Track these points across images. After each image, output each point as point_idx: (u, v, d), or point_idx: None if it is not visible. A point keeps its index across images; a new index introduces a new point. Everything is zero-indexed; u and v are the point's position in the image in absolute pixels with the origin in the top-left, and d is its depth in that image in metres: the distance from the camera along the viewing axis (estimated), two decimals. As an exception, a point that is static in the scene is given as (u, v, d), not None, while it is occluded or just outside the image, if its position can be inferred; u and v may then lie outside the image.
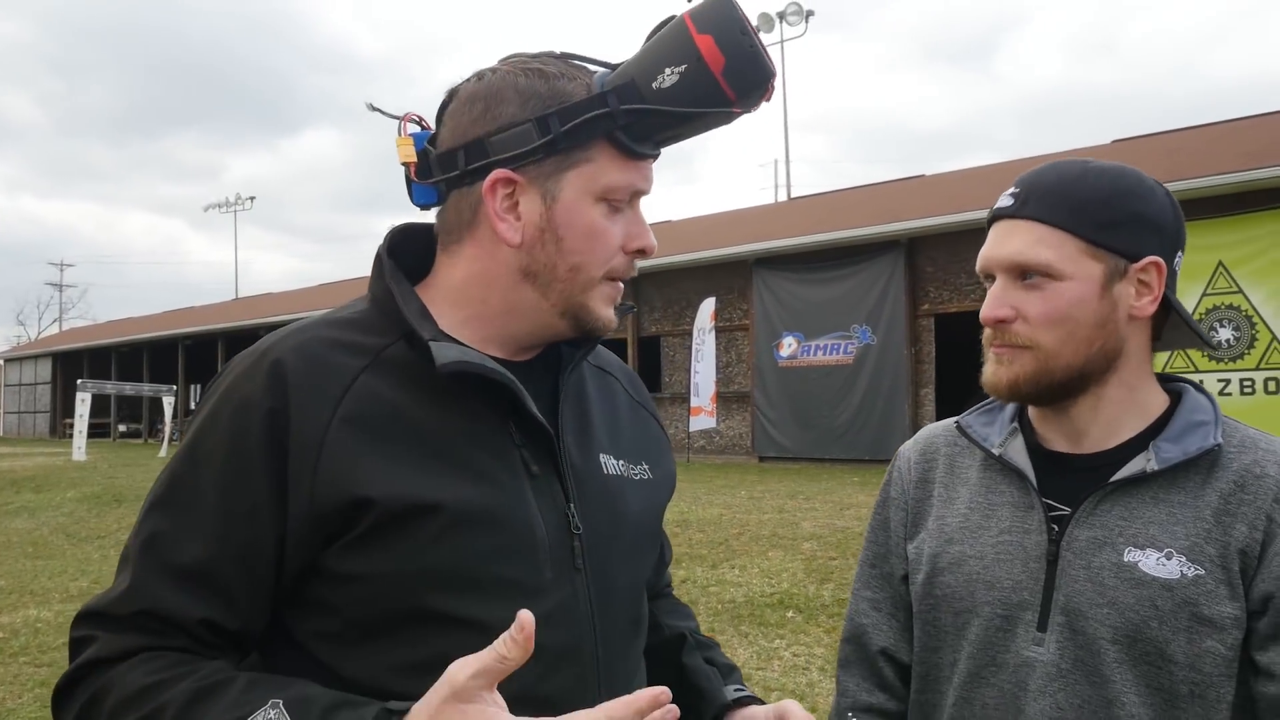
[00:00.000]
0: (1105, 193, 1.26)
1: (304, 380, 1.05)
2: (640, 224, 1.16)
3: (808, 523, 10.00)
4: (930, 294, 16.97)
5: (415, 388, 1.09)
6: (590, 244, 1.13)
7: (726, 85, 1.05)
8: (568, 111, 1.09)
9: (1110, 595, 1.23)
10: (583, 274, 1.13)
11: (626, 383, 1.38)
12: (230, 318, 35.30)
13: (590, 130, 1.09)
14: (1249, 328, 13.16)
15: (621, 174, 1.12)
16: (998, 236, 1.30)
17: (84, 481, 16.33)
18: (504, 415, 1.12)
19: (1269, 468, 1.23)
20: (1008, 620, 1.30)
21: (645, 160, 1.14)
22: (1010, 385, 1.29)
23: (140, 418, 39.33)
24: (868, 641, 1.48)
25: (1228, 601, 1.19)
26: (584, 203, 1.12)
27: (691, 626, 1.42)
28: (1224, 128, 17.19)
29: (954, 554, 1.37)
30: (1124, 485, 1.27)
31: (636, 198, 1.16)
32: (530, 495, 1.10)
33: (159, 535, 1.03)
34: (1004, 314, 1.27)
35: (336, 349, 1.09)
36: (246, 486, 1.02)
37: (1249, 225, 13.17)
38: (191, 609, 1.00)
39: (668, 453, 1.38)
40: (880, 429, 16.79)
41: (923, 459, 1.49)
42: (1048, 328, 1.25)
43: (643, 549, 1.25)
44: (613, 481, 1.21)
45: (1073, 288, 1.24)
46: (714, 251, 19.34)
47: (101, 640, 1.00)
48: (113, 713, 0.95)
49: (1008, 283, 1.28)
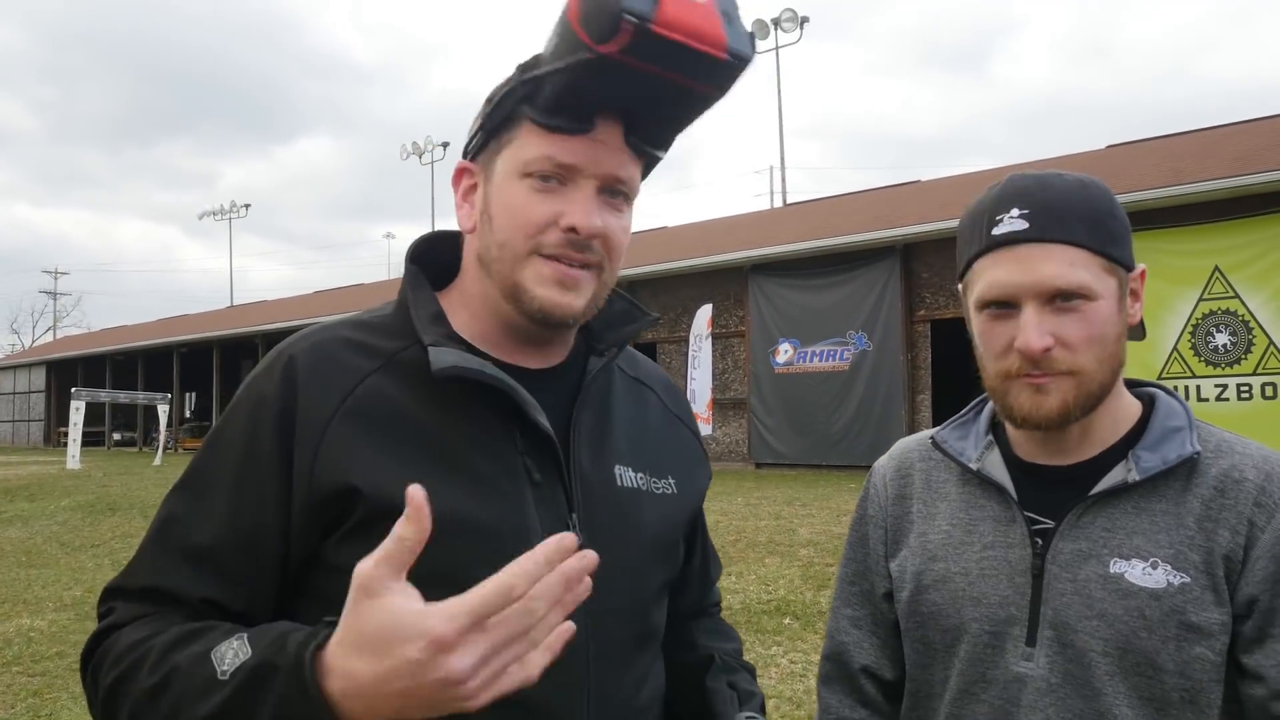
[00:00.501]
0: (1106, 205, 1.25)
1: (312, 377, 1.10)
2: (575, 202, 1.11)
3: (805, 529, 9.99)
4: (926, 300, 16.99)
5: (424, 391, 1.11)
6: (512, 219, 1.12)
7: (581, 31, 0.99)
8: (493, 95, 1.13)
9: (1099, 607, 1.22)
10: (508, 250, 1.13)
11: (664, 395, 1.38)
12: (225, 325, 35.27)
13: (505, 108, 1.11)
14: (1246, 333, 13.17)
15: (539, 147, 1.10)
16: (1022, 262, 1.22)
17: (78, 490, 16.29)
18: (509, 421, 1.13)
19: (1247, 472, 1.23)
20: (996, 636, 1.29)
21: (567, 134, 1.09)
22: (1061, 413, 1.23)
23: (135, 426, 39.28)
24: (849, 659, 1.48)
25: (1214, 607, 1.19)
26: (509, 180, 1.12)
27: (729, 648, 1.40)
28: (1219, 132, 17.25)
29: (938, 571, 1.35)
30: (1105, 496, 1.26)
31: (576, 176, 1.11)
32: (530, 502, 1.11)
33: (174, 517, 1.09)
34: (1049, 343, 1.21)
35: (351, 349, 1.14)
36: (257, 477, 1.07)
37: (1245, 230, 13.20)
38: (194, 588, 1.05)
39: (701, 467, 1.37)
40: (877, 435, 16.79)
41: (898, 475, 1.48)
42: (1088, 350, 1.22)
43: (654, 563, 1.23)
44: (626, 493, 1.20)
45: (1104, 307, 1.22)
46: (710, 258, 19.36)
47: (118, 610, 1.07)
48: (113, 663, 1.02)
49: (1041, 308, 1.22)
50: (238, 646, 0.94)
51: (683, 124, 1.14)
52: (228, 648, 0.94)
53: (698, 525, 1.42)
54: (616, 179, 1.12)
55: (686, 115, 1.12)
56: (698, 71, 1.03)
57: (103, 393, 30.10)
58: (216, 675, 0.93)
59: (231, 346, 35.01)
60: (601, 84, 1.05)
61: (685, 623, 1.40)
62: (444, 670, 0.82)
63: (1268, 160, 13.41)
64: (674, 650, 1.36)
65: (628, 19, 0.96)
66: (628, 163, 1.12)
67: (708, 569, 1.45)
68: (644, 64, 1.01)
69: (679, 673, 1.32)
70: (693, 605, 1.42)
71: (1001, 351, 1.25)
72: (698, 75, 1.04)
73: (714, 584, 1.48)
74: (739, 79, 1.07)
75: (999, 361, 1.26)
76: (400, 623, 0.83)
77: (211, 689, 0.93)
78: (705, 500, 1.41)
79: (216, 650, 0.95)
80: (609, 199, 1.13)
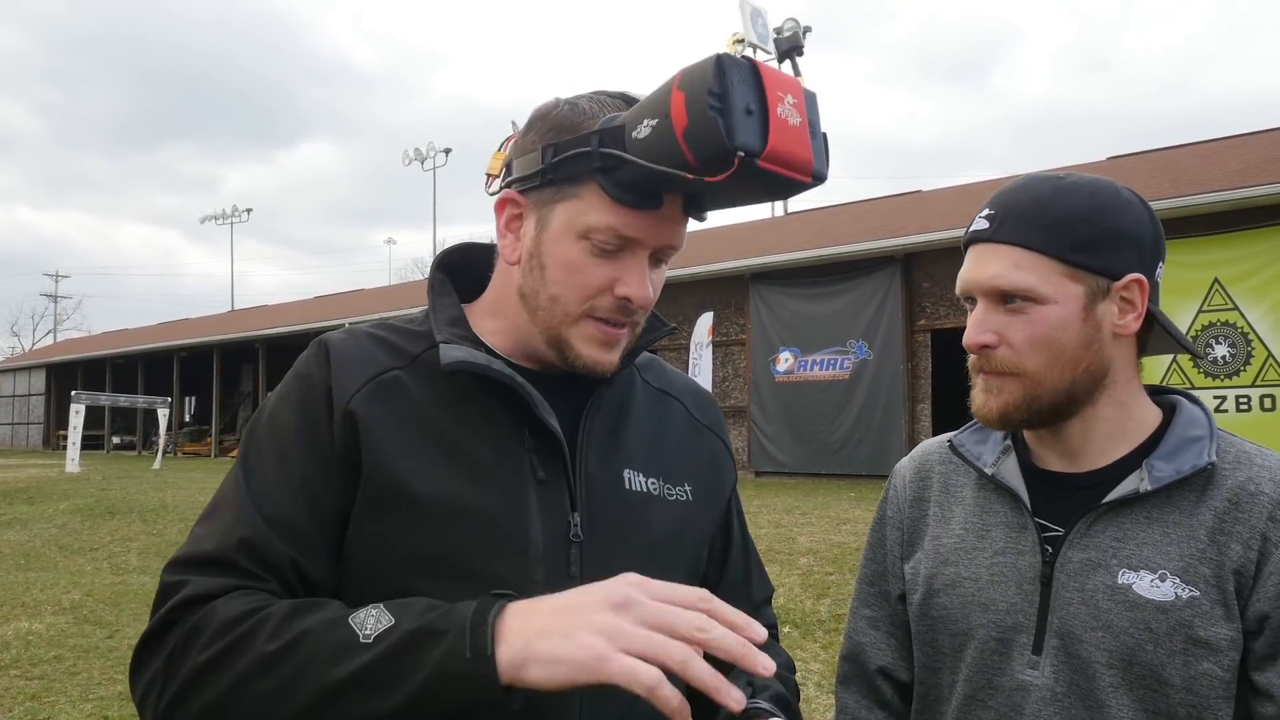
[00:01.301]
0: (1081, 211, 1.23)
1: (343, 358, 1.16)
2: (631, 271, 1.13)
3: (804, 538, 9.98)
4: (926, 310, 16.99)
5: (440, 389, 1.16)
6: (567, 277, 1.13)
7: (685, 148, 0.99)
8: (562, 145, 1.11)
9: (1104, 618, 1.21)
10: (559, 306, 1.14)
11: (692, 404, 1.38)
12: (226, 330, 35.26)
13: (574, 167, 1.10)
14: (1244, 344, 13.18)
15: (603, 217, 1.10)
16: (975, 260, 1.28)
17: (77, 493, 16.27)
18: (519, 421, 1.15)
19: (1264, 485, 1.21)
20: (1002, 643, 1.28)
21: (635, 209, 1.09)
22: (1001, 414, 1.27)
23: (135, 430, 39.25)
24: (866, 660, 1.47)
25: (1223, 623, 1.17)
26: (567, 236, 1.13)
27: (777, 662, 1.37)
28: (1219, 144, 17.27)
29: (949, 575, 1.35)
30: (1117, 505, 1.25)
31: (634, 246, 1.12)
32: (533, 498, 1.13)
33: (246, 489, 1.10)
34: (987, 339, 1.25)
35: (380, 346, 1.19)
36: (317, 447, 1.11)
37: (1245, 242, 13.22)
38: (284, 548, 1.06)
39: (725, 476, 1.37)
40: (877, 444, 16.78)
41: (917, 477, 1.48)
42: (1032, 352, 1.23)
43: (662, 568, 1.19)
44: (634, 497, 1.21)
45: (1055, 311, 1.22)
46: (711, 266, 19.37)
47: (195, 582, 1.03)
48: (213, 637, 0.98)
49: (989, 307, 1.26)
50: (377, 615, 0.94)
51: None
52: (366, 615, 0.95)
53: (731, 538, 1.40)
54: (671, 248, 1.16)
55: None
56: (784, 193, 1.10)
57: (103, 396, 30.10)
58: (359, 639, 0.93)
59: (232, 351, 35.01)
60: (687, 189, 1.09)
61: None
62: (620, 594, 0.90)
63: (1268, 173, 13.42)
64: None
65: (740, 156, 0.97)
66: (682, 232, 1.15)
67: (750, 587, 1.42)
68: (739, 189, 1.06)
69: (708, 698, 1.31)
70: None
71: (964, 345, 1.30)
72: (782, 195, 1.12)
73: (761, 606, 1.44)
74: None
75: (970, 356, 1.30)
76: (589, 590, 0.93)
77: (352, 650, 0.92)
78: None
79: (354, 617, 0.95)
80: (656, 262, 1.17)
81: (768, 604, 1.46)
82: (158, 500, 15.16)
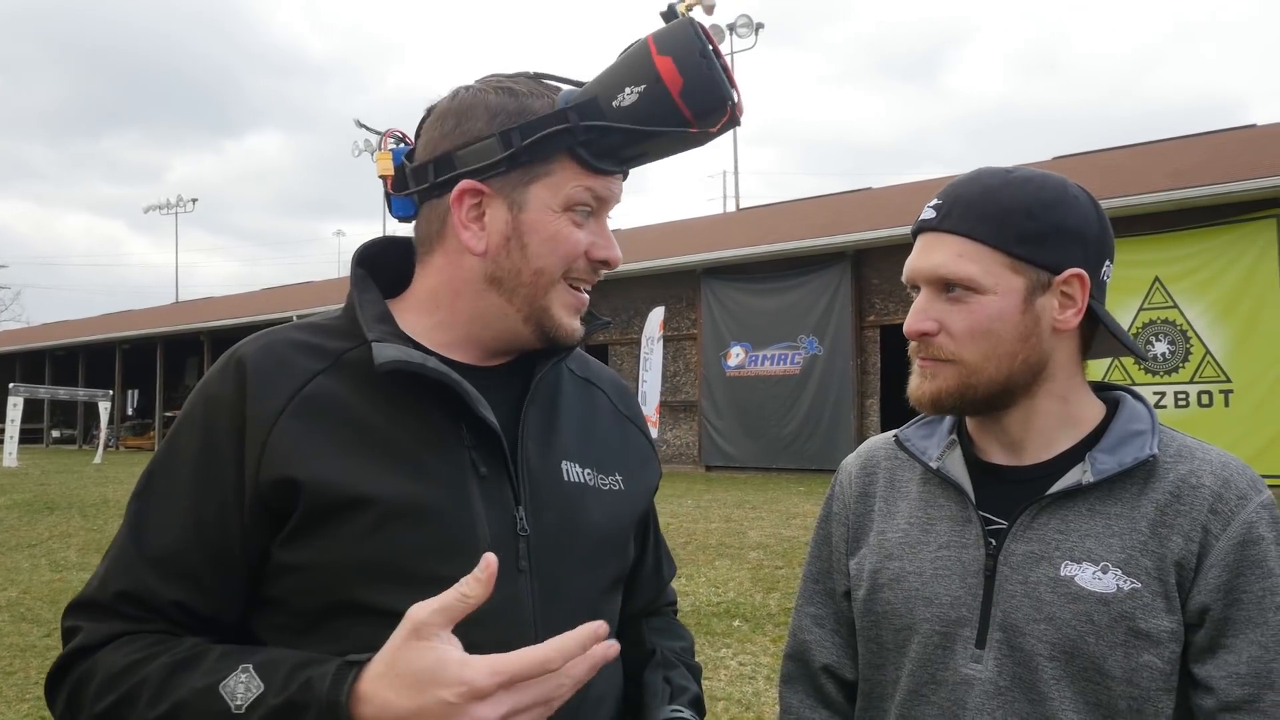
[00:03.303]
0: (1027, 204, 1.24)
1: (260, 376, 1.12)
2: (605, 235, 1.20)
3: (754, 532, 10.03)
4: (876, 305, 17.16)
5: (371, 389, 1.14)
6: (554, 248, 1.17)
7: (684, 105, 1.09)
8: (529, 126, 1.14)
9: (1047, 611, 1.21)
10: (545, 276, 1.18)
11: (614, 395, 1.40)
12: (170, 322, 34.63)
13: (551, 145, 1.15)
14: (1184, 342, 13.47)
15: (583, 187, 1.16)
16: (921, 249, 1.29)
17: (15, 488, 15.90)
18: (455, 417, 1.14)
19: (1205, 478, 1.22)
20: (946, 637, 1.28)
21: (609, 176, 1.18)
22: (933, 399, 1.29)
23: (75, 423, 38.39)
24: (810, 658, 1.47)
25: (1165, 615, 1.18)
26: (549, 212, 1.17)
27: (677, 646, 1.41)
28: (1161, 146, 17.61)
29: (893, 570, 1.35)
30: (1060, 498, 1.25)
31: (603, 209, 1.20)
32: (476, 495, 1.12)
33: (137, 523, 1.10)
34: (927, 327, 1.26)
35: (299, 351, 1.16)
36: (216, 478, 1.09)
37: (1184, 242, 13.51)
38: (165, 591, 1.06)
39: (650, 466, 1.38)
40: (826, 439, 16.93)
41: (863, 473, 1.48)
42: (970, 342, 1.24)
43: (602, 558, 1.24)
44: (572, 488, 1.21)
45: (994, 302, 1.23)
46: (663, 261, 19.39)
47: (86, 629, 1.07)
48: (97, 693, 1.02)
49: (931, 295, 1.27)
50: (246, 680, 0.97)
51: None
52: (236, 681, 0.97)
53: (650, 525, 1.43)
54: (616, 202, 1.22)
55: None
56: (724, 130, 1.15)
57: (42, 389, 29.40)
58: (231, 711, 0.95)
59: (176, 344, 34.39)
60: (673, 147, 1.17)
61: (637, 621, 1.41)
62: (470, 717, 0.89)
63: (1207, 175, 13.73)
64: (625, 649, 1.35)
65: (730, 105, 1.11)
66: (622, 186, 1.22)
67: (660, 569, 1.46)
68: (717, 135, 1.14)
69: (629, 669, 1.33)
70: (646, 604, 1.43)
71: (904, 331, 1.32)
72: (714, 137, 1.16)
73: (668, 584, 1.50)
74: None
75: (910, 344, 1.32)
76: (444, 667, 0.89)
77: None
78: (656, 502, 1.43)
79: (225, 684, 0.97)
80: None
81: (670, 581, 1.52)
82: (98, 495, 14.86)
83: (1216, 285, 13.24)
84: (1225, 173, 13.52)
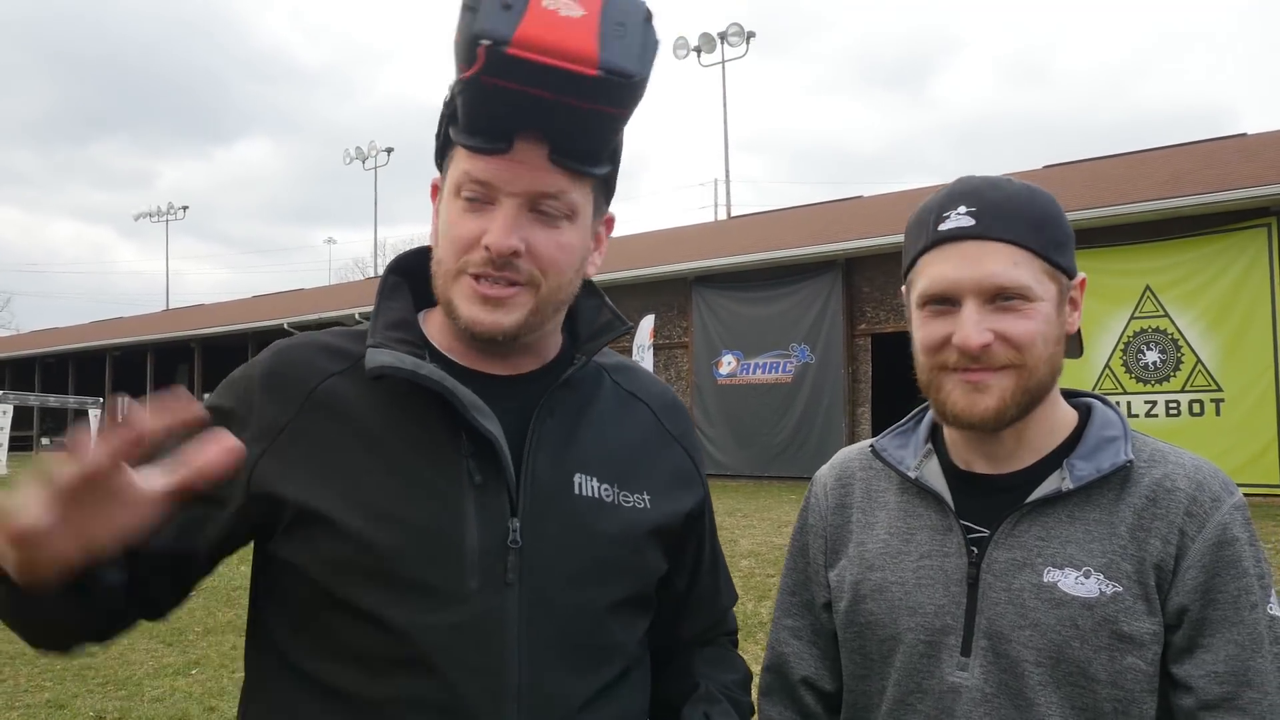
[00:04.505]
0: (1052, 212, 1.26)
1: (274, 382, 1.16)
2: (496, 220, 1.11)
3: (746, 540, 10.03)
4: (867, 314, 17.18)
5: (376, 394, 1.14)
6: (445, 237, 1.15)
7: (455, 57, 1.06)
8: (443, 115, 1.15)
9: (1032, 617, 1.22)
10: (443, 267, 1.16)
11: (661, 412, 1.35)
12: (160, 329, 34.53)
13: (443, 129, 1.14)
14: (1174, 350, 13.50)
15: (461, 167, 1.12)
16: (964, 258, 1.23)
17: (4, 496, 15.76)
18: (455, 424, 1.13)
19: (1179, 481, 1.24)
20: (931, 646, 1.28)
21: (486, 154, 1.10)
22: (998, 411, 1.23)
23: (65, 431, 38.20)
24: (789, 670, 1.46)
25: (1146, 617, 1.19)
26: (448, 199, 1.15)
27: (726, 679, 1.36)
28: (1150, 155, 17.68)
29: (875, 580, 1.35)
30: (1040, 505, 1.26)
31: (495, 194, 1.11)
32: (469, 504, 1.11)
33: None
34: (989, 339, 1.21)
35: (320, 353, 1.19)
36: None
37: (1175, 250, 13.54)
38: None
39: (690, 488, 1.32)
40: (818, 447, 16.91)
41: (839, 484, 1.47)
42: (1030, 347, 1.22)
43: (610, 576, 1.20)
44: (584, 502, 1.18)
45: (1043, 308, 1.23)
46: (654, 269, 19.39)
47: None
48: None
49: (981, 306, 1.22)
50: None
51: (601, 139, 1.13)
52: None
53: (700, 550, 1.38)
54: (541, 194, 1.12)
55: (599, 130, 1.11)
56: (572, 89, 1.03)
57: (31, 396, 29.30)
58: None
59: (167, 351, 34.27)
60: (489, 105, 1.06)
61: (688, 650, 1.38)
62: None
63: (1196, 183, 13.78)
64: (669, 679, 1.34)
65: (482, 44, 0.99)
66: (555, 180, 1.11)
67: (717, 596, 1.42)
68: (509, 83, 1.03)
69: (666, 700, 1.31)
70: (697, 633, 1.40)
71: (937, 346, 1.25)
72: (575, 93, 1.04)
73: (727, 611, 1.45)
74: (632, 94, 1.07)
75: (934, 356, 1.25)
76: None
77: None
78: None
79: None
80: (541, 217, 1.13)
81: (730, 609, 1.47)
82: (88, 503, 14.73)
83: (1207, 294, 13.27)
84: (1216, 181, 13.58)
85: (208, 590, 8.48)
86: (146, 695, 5.53)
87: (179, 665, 6.14)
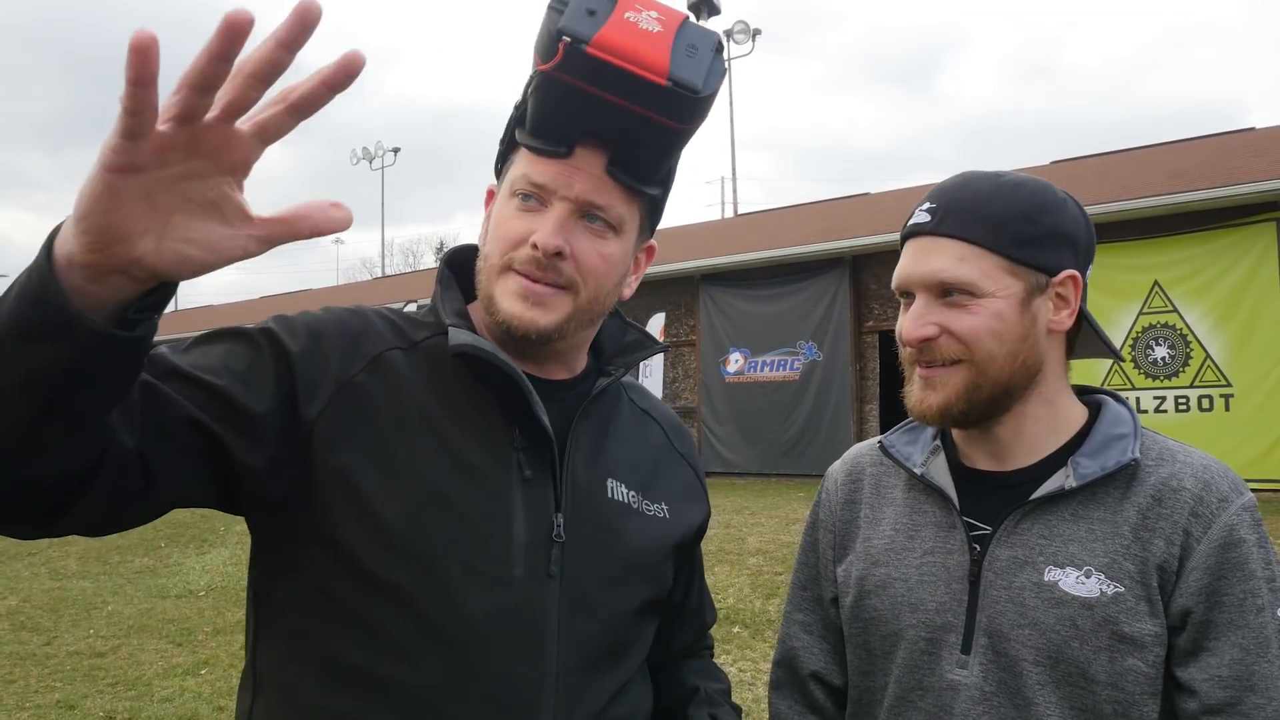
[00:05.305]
0: (1022, 208, 1.25)
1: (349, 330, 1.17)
2: (545, 221, 1.14)
3: (754, 538, 10.02)
4: (874, 311, 17.15)
5: (436, 377, 1.17)
6: (495, 233, 1.19)
7: (534, 53, 1.10)
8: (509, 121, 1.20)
9: (1031, 616, 1.22)
10: (489, 262, 1.19)
11: (670, 431, 1.40)
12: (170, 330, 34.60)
13: (509, 131, 1.19)
14: (1184, 346, 13.45)
15: (520, 167, 1.17)
16: (916, 253, 1.28)
17: (14, 497, 15.81)
18: (510, 417, 1.16)
19: (1186, 481, 1.22)
20: (932, 643, 1.28)
21: (546, 157, 1.14)
22: (941, 409, 1.27)
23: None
24: (799, 665, 1.47)
25: (1148, 619, 1.18)
26: (504, 198, 1.19)
27: (716, 688, 1.41)
28: (1158, 150, 17.63)
29: (879, 576, 1.35)
30: (1044, 503, 1.25)
31: (549, 196, 1.15)
32: (518, 495, 1.13)
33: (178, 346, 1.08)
34: (928, 332, 1.25)
35: (386, 324, 1.21)
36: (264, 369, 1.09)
37: (1184, 245, 13.48)
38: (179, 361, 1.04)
39: (697, 504, 1.38)
40: (826, 445, 16.89)
41: (849, 480, 1.48)
42: (976, 340, 1.23)
43: (636, 579, 1.24)
44: (615, 506, 1.22)
45: (994, 304, 1.23)
46: (661, 267, 19.37)
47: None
48: None
49: (929, 301, 1.26)
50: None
51: (658, 157, 1.17)
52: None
53: (695, 565, 1.44)
54: (591, 204, 1.15)
55: (658, 146, 1.14)
56: (640, 96, 1.07)
57: (41, 398, 29.32)
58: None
59: (175, 351, 34.36)
60: (559, 105, 1.10)
61: (678, 662, 1.43)
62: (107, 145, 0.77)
63: (1206, 178, 13.73)
64: (666, 687, 1.38)
65: (564, 40, 1.04)
66: (606, 190, 1.15)
67: (703, 612, 1.48)
68: (582, 83, 1.06)
69: (667, 706, 1.35)
70: (686, 646, 1.45)
71: (901, 339, 1.29)
72: (642, 100, 1.07)
73: (709, 627, 1.51)
74: (694, 111, 1.10)
75: (902, 349, 1.30)
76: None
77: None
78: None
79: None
80: (588, 224, 1.16)
81: (711, 625, 1.52)
82: (98, 504, 14.78)
83: (1216, 289, 13.21)
84: (1224, 176, 13.53)
85: (217, 590, 8.51)
86: (156, 695, 5.55)
87: (188, 665, 6.17)
